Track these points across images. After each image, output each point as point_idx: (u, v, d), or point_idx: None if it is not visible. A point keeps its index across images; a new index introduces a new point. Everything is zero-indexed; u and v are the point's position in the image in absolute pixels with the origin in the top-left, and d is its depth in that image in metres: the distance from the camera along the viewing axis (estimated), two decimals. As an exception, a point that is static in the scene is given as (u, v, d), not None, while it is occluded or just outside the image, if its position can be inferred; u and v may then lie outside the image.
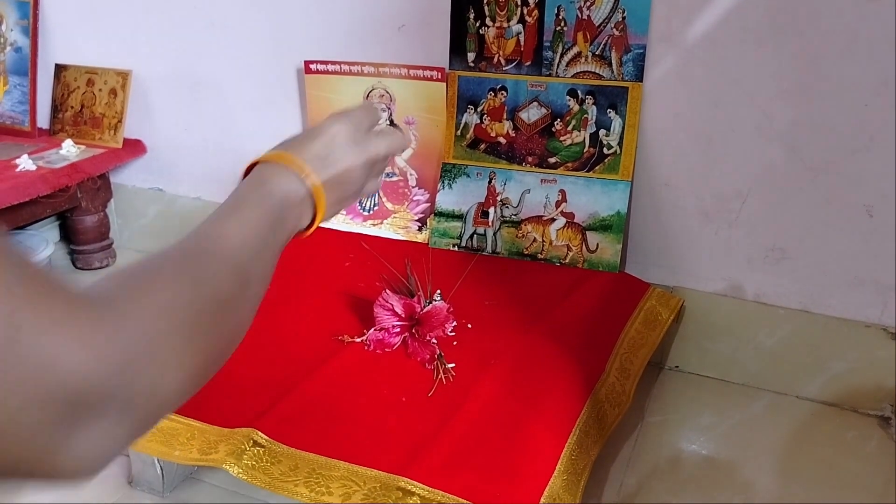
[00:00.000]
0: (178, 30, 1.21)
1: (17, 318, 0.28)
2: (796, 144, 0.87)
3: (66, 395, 0.29)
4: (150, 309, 0.34)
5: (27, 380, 0.28)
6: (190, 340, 0.36)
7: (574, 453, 0.69)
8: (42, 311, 0.29)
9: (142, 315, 0.34)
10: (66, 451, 0.31)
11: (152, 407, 0.34)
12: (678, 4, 0.88)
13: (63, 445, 0.30)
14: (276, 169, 0.48)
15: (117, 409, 0.32)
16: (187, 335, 0.36)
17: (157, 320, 0.34)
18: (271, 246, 0.47)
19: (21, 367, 0.28)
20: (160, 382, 0.34)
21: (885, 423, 0.90)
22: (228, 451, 0.66)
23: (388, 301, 0.82)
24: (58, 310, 0.29)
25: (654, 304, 0.92)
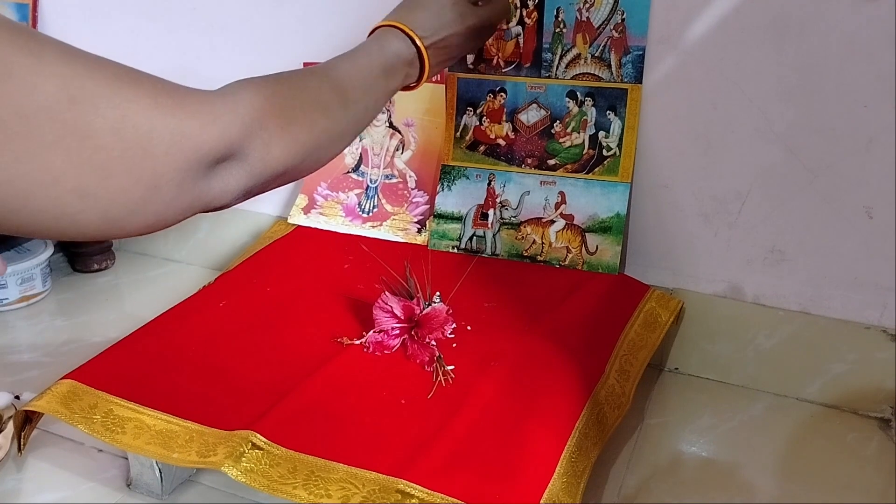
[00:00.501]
0: (177, 32, 1.21)
1: (156, 117, 0.40)
2: (795, 146, 0.87)
3: (203, 157, 0.43)
4: (252, 97, 0.47)
5: (176, 155, 0.41)
6: (289, 124, 0.49)
7: (574, 455, 0.69)
8: (174, 107, 0.42)
9: (253, 100, 0.47)
10: (208, 193, 0.45)
11: (262, 166, 0.48)
12: (677, 6, 0.88)
13: (206, 190, 0.45)
14: (392, 32, 0.63)
15: (238, 161, 0.46)
16: (287, 120, 0.49)
17: (266, 111, 0.47)
18: (378, 86, 0.60)
19: (170, 148, 0.41)
20: (267, 149, 0.48)
21: (885, 424, 0.89)
22: (227, 453, 0.66)
23: (388, 303, 0.82)
24: (191, 103, 0.43)
25: (654, 305, 0.92)
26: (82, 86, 0.38)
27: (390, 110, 1.07)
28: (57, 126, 0.36)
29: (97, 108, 0.38)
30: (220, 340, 0.84)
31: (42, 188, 0.36)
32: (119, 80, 0.40)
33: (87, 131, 0.37)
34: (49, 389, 0.76)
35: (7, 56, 0.35)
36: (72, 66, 0.38)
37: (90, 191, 0.38)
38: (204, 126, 0.43)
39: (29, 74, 0.36)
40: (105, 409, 0.73)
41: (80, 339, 1.09)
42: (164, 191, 0.41)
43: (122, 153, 0.39)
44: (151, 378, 0.78)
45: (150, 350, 0.83)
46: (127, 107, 0.39)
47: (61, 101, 0.36)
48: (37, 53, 0.36)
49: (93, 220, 0.39)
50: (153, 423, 0.71)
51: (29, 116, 0.35)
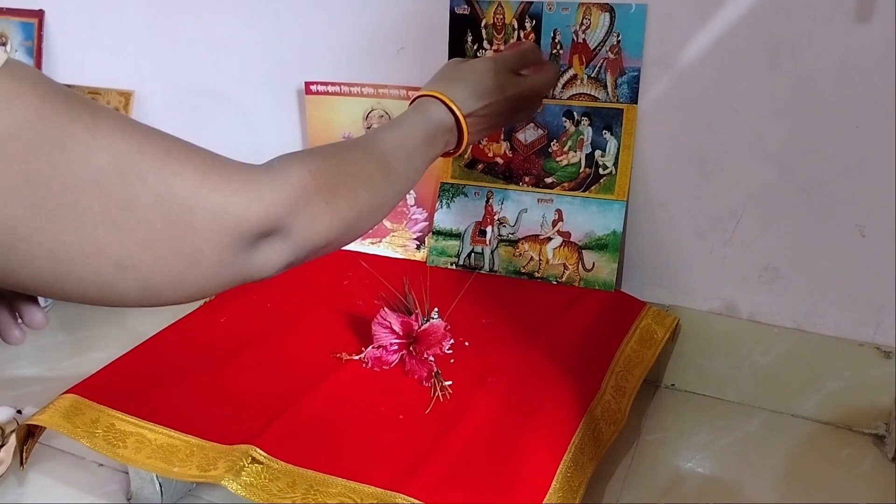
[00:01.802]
0: (180, 51, 1.23)
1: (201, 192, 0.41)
2: (789, 165, 0.88)
3: (246, 233, 0.43)
4: (297, 172, 0.48)
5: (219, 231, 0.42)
6: (333, 199, 0.50)
7: (570, 470, 0.69)
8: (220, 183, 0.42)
9: (300, 176, 0.47)
10: (250, 265, 0.45)
11: (305, 241, 0.48)
12: (671, 28, 0.89)
13: (248, 265, 0.45)
14: (433, 101, 0.64)
15: (282, 237, 0.46)
16: (331, 195, 0.50)
17: (309, 181, 0.48)
18: (419, 155, 0.61)
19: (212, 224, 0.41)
20: (310, 225, 0.48)
21: (879, 441, 0.90)
22: (227, 467, 0.67)
23: (386, 319, 0.83)
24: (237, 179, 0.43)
25: (650, 322, 0.93)
26: (132, 159, 0.38)
27: (390, 129, 1.08)
28: (104, 198, 0.37)
29: (145, 182, 0.39)
30: (220, 356, 0.85)
31: (84, 259, 0.37)
32: (169, 155, 0.41)
33: (132, 204, 0.38)
34: (52, 404, 0.77)
35: (63, 128, 0.36)
36: (125, 140, 0.39)
37: (131, 263, 0.39)
38: (249, 203, 0.43)
39: (82, 147, 0.36)
40: (107, 423, 0.74)
41: (81, 355, 1.10)
42: (204, 265, 0.42)
43: (164, 227, 0.39)
44: (153, 393, 0.79)
45: (151, 365, 0.84)
46: (173, 181, 0.40)
47: (111, 174, 0.37)
48: (92, 127, 0.37)
49: (132, 290, 0.40)
50: (154, 437, 0.72)
51: (78, 188, 0.36)
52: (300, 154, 0.50)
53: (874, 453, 0.88)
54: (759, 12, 0.84)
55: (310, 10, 1.10)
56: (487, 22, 0.99)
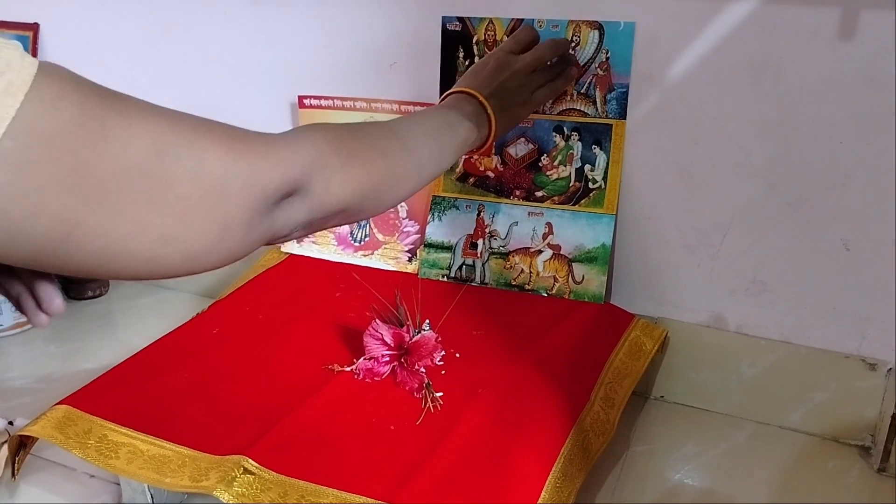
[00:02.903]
0: (174, 65, 1.24)
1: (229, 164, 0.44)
2: (774, 180, 0.90)
3: (269, 196, 0.46)
4: (323, 142, 0.51)
5: (246, 197, 0.44)
6: (348, 163, 0.53)
7: (559, 481, 0.70)
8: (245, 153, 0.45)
9: (315, 141, 0.51)
10: (273, 224, 0.48)
11: (322, 201, 0.51)
12: (659, 46, 0.91)
13: (271, 223, 0.48)
14: (455, 94, 0.71)
15: (300, 196, 0.49)
16: (346, 160, 0.53)
17: (328, 150, 0.51)
18: (442, 136, 0.65)
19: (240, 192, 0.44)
20: (327, 186, 0.51)
21: (865, 452, 0.91)
22: (219, 478, 0.67)
23: (378, 331, 0.83)
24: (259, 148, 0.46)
25: (639, 334, 0.94)
26: (166, 140, 0.41)
27: (383, 142, 1.09)
28: (145, 180, 0.39)
29: (179, 159, 0.41)
30: (212, 367, 0.86)
31: (132, 238, 0.40)
32: (196, 132, 0.44)
33: (170, 182, 0.41)
34: (44, 415, 0.77)
35: (103, 119, 0.38)
36: (156, 122, 0.41)
37: (173, 236, 0.41)
38: (271, 167, 0.46)
39: (122, 135, 0.39)
40: (99, 434, 0.74)
41: (73, 366, 1.10)
42: (235, 229, 0.45)
43: (200, 199, 0.42)
44: (145, 404, 0.79)
45: (143, 376, 0.84)
46: (204, 155, 0.43)
47: (150, 156, 0.40)
48: (126, 115, 0.40)
49: (175, 261, 0.43)
50: (146, 448, 0.73)
51: (121, 174, 0.38)
52: (318, 124, 0.54)
53: (860, 465, 0.89)
54: (744, 30, 0.86)
55: (303, 25, 1.11)
56: (479, 38, 1.00)
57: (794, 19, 0.84)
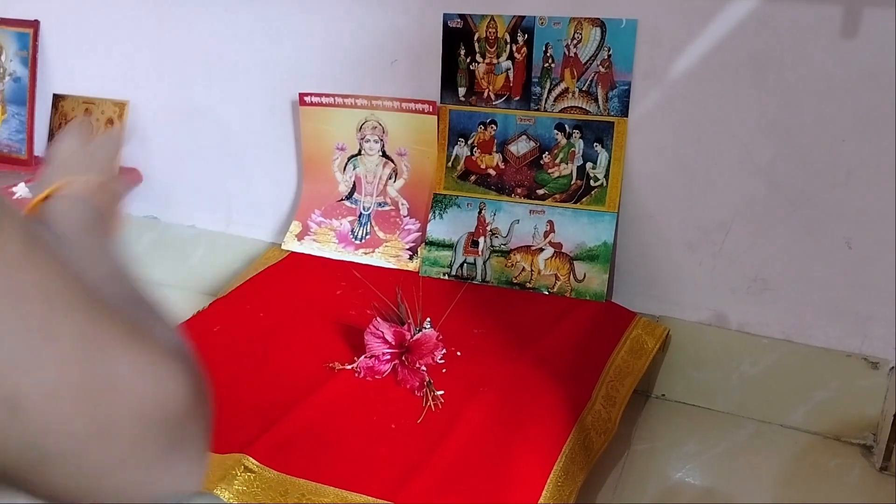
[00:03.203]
0: (175, 62, 1.23)
1: (129, 366, 0.34)
2: (777, 178, 0.90)
3: (169, 420, 0.35)
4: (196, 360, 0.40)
5: (141, 408, 0.34)
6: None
7: (560, 479, 0.70)
8: (146, 361, 0.35)
9: (195, 363, 0.40)
10: (171, 475, 0.36)
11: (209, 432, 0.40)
12: (661, 43, 0.91)
13: (168, 470, 0.36)
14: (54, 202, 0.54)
15: (201, 433, 0.38)
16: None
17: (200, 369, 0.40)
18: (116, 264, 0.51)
19: (133, 400, 0.34)
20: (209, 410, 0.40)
21: (867, 451, 0.91)
22: (219, 476, 0.67)
23: (379, 329, 0.83)
24: (160, 361, 0.35)
25: (640, 332, 0.94)
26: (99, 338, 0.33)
27: (383, 140, 1.09)
28: None
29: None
30: (213, 365, 0.85)
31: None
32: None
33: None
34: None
35: None
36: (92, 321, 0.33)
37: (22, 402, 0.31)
38: (175, 389, 0.36)
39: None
40: (99, 432, 0.74)
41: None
42: (122, 449, 0.34)
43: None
44: (145, 402, 0.79)
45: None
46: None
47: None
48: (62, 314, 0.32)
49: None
50: (147, 446, 0.72)
51: None
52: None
53: (862, 463, 0.89)
54: (746, 28, 0.86)
55: (304, 22, 1.11)
56: (480, 36, 1.00)
57: (797, 17, 0.83)
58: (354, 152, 1.12)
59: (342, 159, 1.13)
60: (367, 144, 1.10)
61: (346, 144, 1.11)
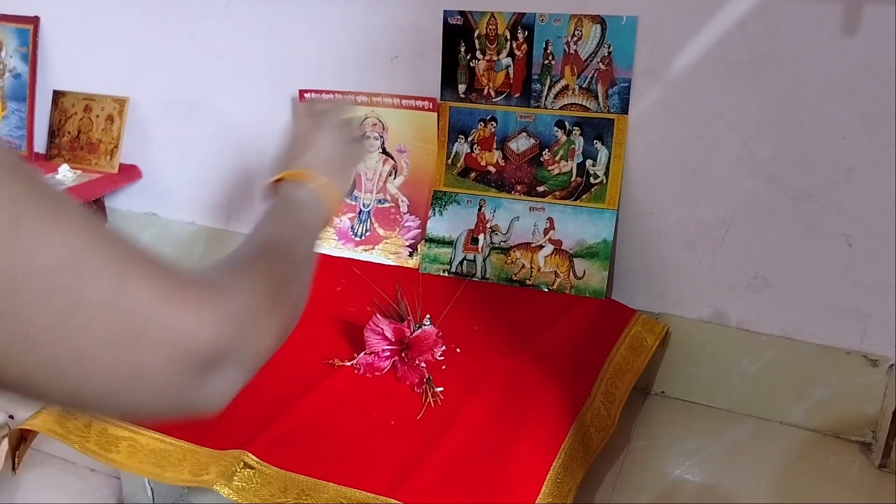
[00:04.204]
0: (175, 58, 1.23)
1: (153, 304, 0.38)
2: (777, 175, 0.90)
3: (195, 357, 0.40)
4: (244, 291, 0.46)
5: (166, 348, 0.38)
6: (273, 309, 0.49)
7: (559, 476, 0.70)
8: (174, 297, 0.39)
9: (239, 295, 0.45)
10: (197, 396, 0.41)
11: (256, 358, 0.47)
12: (662, 40, 0.91)
13: (195, 393, 0.41)
14: (288, 185, 0.66)
15: (234, 362, 0.43)
16: (271, 305, 0.49)
17: (251, 298, 0.46)
18: (307, 236, 0.64)
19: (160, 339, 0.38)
20: (260, 340, 0.47)
21: (866, 448, 0.91)
22: (219, 472, 0.67)
23: (379, 325, 0.83)
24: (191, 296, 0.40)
25: (640, 330, 0.94)
26: (87, 257, 0.36)
27: (383, 136, 1.09)
28: (49, 290, 0.35)
29: (96, 281, 0.36)
30: (213, 361, 0.85)
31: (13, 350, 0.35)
32: (126, 259, 0.38)
33: (78, 302, 0.36)
34: (44, 408, 0.77)
35: (18, 212, 0.34)
36: (82, 236, 0.37)
37: (62, 365, 0.36)
38: (201, 324, 0.40)
39: (35, 236, 0.35)
40: (99, 428, 0.74)
41: (74, 360, 1.10)
42: (146, 383, 0.39)
43: (108, 335, 0.37)
44: (145, 398, 0.79)
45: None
46: (126, 286, 0.38)
47: (61, 266, 0.35)
48: (50, 217, 0.35)
49: (55, 392, 0.37)
50: (147, 442, 0.73)
51: (22, 276, 0.34)
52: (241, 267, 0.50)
53: (861, 460, 0.89)
54: (746, 24, 0.86)
55: (304, 19, 1.11)
56: (480, 32, 1.00)
57: (797, 13, 0.83)
58: (354, 149, 1.11)
59: (342, 156, 1.12)
60: (367, 141, 1.10)
61: (346, 141, 1.11)
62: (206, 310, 0.41)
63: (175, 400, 0.41)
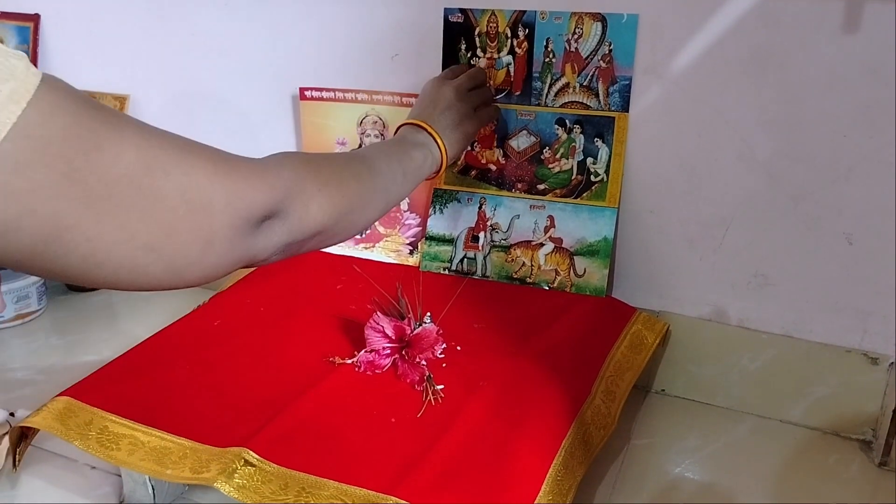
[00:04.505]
0: (175, 56, 1.23)
1: (216, 181, 0.48)
2: (777, 173, 0.90)
3: (251, 216, 0.50)
4: (300, 166, 0.57)
5: (229, 213, 0.48)
6: (325, 186, 0.57)
7: (559, 474, 0.70)
8: (230, 172, 0.49)
9: (294, 166, 0.56)
10: (254, 245, 0.51)
11: (302, 223, 0.55)
12: (663, 38, 0.91)
13: (252, 243, 0.51)
14: (409, 127, 0.82)
15: (280, 219, 0.53)
16: (323, 183, 0.57)
17: (305, 174, 0.56)
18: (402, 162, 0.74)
19: (225, 207, 0.48)
20: (306, 208, 0.56)
21: (866, 447, 0.91)
22: (220, 469, 0.68)
23: (379, 323, 0.83)
24: (243, 171, 0.50)
25: (640, 328, 0.94)
26: (156, 155, 0.44)
27: (384, 135, 1.09)
28: (134, 190, 0.42)
29: (168, 173, 0.44)
30: (213, 359, 0.86)
31: (118, 244, 0.43)
32: (184, 150, 0.47)
33: (158, 194, 0.44)
34: (45, 406, 0.77)
35: (97, 130, 0.41)
36: (146, 139, 0.44)
37: (157, 246, 0.44)
38: (254, 188, 0.50)
39: (114, 147, 0.42)
40: (100, 425, 0.74)
41: (74, 358, 1.10)
42: (217, 246, 0.48)
43: (186, 213, 0.45)
44: (146, 395, 0.79)
45: (145, 368, 0.84)
46: (192, 171, 0.46)
47: (140, 168, 0.43)
48: (119, 129, 0.43)
49: (158, 272, 0.45)
50: (147, 439, 0.73)
51: (112, 182, 0.41)
52: (294, 152, 0.59)
53: (861, 459, 0.89)
54: (747, 22, 0.86)
55: (304, 17, 1.11)
56: (481, 30, 1.00)
57: (798, 11, 0.83)
58: (355, 147, 1.11)
59: (343, 154, 1.12)
60: (367, 139, 1.10)
61: (347, 139, 1.11)
62: (256, 177, 0.50)
63: (238, 255, 0.50)
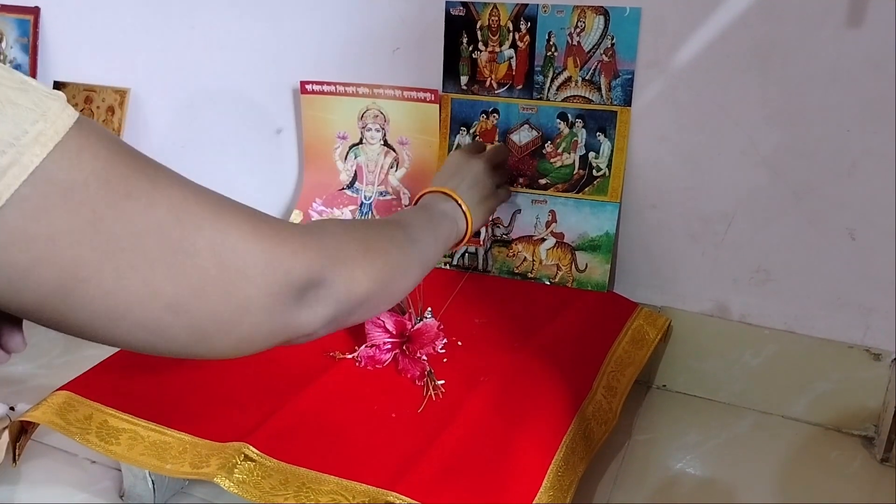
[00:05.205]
0: (176, 50, 1.23)
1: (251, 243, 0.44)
2: (780, 168, 0.89)
3: (291, 285, 0.46)
4: (342, 233, 0.54)
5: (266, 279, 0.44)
6: (367, 252, 0.55)
7: (561, 470, 0.70)
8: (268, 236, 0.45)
9: (337, 235, 0.53)
10: (297, 321, 0.48)
11: (347, 293, 0.52)
12: (665, 32, 0.90)
13: (295, 318, 0.47)
14: (435, 195, 0.80)
15: (325, 292, 0.49)
16: (365, 249, 0.55)
17: (348, 241, 0.53)
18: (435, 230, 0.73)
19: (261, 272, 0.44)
20: (350, 280, 0.52)
21: (868, 443, 0.91)
22: (220, 464, 0.67)
23: (380, 318, 0.83)
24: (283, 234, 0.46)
25: (642, 323, 0.94)
26: (189, 209, 0.41)
27: (385, 129, 1.09)
28: (162, 243, 0.39)
29: (201, 229, 0.41)
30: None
31: (139, 301, 0.39)
32: (221, 207, 0.43)
33: (189, 250, 0.40)
34: (45, 400, 0.77)
35: (128, 178, 0.38)
36: (181, 191, 0.41)
37: (183, 307, 0.41)
38: (295, 253, 0.46)
39: (145, 196, 0.39)
40: (100, 420, 0.74)
41: (74, 352, 1.10)
42: (253, 314, 0.44)
43: (218, 274, 0.42)
44: (146, 390, 0.79)
45: (145, 363, 0.84)
46: (227, 230, 0.43)
47: (170, 221, 0.40)
48: (153, 179, 0.40)
49: (181, 335, 0.42)
50: (147, 434, 0.72)
51: (139, 234, 0.38)
52: (331, 219, 0.57)
53: (863, 454, 0.89)
54: (750, 16, 0.85)
55: (306, 10, 1.10)
56: (483, 24, 0.99)
57: (802, 5, 0.83)
58: (356, 141, 1.11)
59: (343, 148, 1.12)
60: (368, 133, 1.10)
61: (348, 133, 1.11)
62: (298, 242, 0.47)
63: (278, 327, 0.46)
